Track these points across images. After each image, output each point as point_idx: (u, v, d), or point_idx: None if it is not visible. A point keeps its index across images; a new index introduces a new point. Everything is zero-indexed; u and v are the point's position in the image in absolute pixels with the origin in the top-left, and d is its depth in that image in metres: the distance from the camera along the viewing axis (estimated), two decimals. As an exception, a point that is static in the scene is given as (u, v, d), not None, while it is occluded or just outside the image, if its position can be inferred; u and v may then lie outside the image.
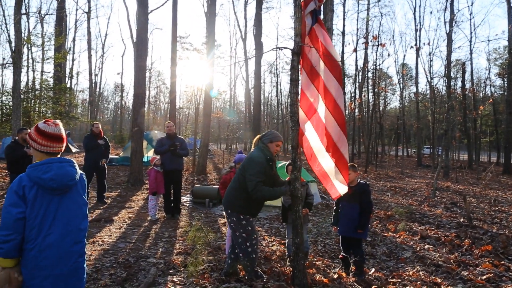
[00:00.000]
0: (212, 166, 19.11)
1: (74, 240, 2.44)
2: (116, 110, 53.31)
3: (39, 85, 18.88)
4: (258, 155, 4.08)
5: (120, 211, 8.30)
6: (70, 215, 2.43)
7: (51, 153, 2.47)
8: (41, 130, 2.45)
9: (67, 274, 2.41)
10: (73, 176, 2.44)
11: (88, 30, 33.51)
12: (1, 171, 13.73)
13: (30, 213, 2.32)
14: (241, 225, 4.09)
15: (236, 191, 4.16)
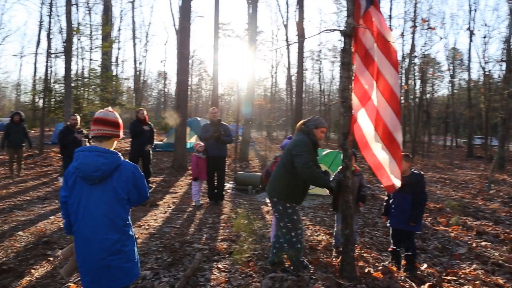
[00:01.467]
0: (254, 153, 19.12)
1: (103, 235, 2.32)
2: (159, 97, 54.54)
3: (87, 73, 19.58)
4: (304, 138, 3.95)
5: (164, 196, 8.46)
6: (100, 208, 2.34)
7: (96, 136, 2.45)
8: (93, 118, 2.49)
9: (95, 270, 2.33)
10: (98, 167, 2.30)
11: (133, 20, 34.47)
12: (55, 155, 14.45)
13: (69, 199, 2.40)
14: (286, 214, 3.98)
15: (280, 178, 4.04)
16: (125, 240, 2.38)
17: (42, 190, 8.76)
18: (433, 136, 33.39)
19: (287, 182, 3.97)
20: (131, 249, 2.42)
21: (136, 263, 2.48)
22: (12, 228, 5.75)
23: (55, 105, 16.74)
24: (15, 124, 10.20)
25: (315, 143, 3.99)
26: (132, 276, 2.43)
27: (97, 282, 2.33)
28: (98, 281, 2.33)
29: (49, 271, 4.16)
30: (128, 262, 2.39)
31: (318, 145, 4.08)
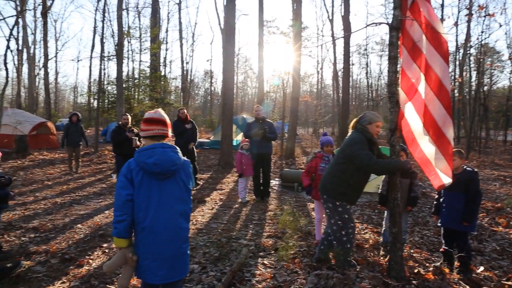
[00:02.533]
0: (300, 150, 19.02)
1: (177, 225, 2.51)
2: (206, 95, 55.67)
3: (137, 74, 20.38)
4: (358, 135, 3.84)
5: (211, 192, 8.65)
6: (173, 200, 2.50)
7: (152, 136, 2.57)
8: (143, 118, 2.62)
9: (172, 258, 2.49)
10: (175, 161, 2.50)
11: (179, 21, 35.60)
12: (109, 153, 15.23)
13: (137, 196, 2.46)
14: (337, 212, 3.93)
15: (333, 176, 3.98)
16: (188, 229, 2.63)
17: (98, 186, 9.27)
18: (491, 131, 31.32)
19: (339, 181, 3.90)
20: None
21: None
22: (72, 221, 6.16)
23: (108, 105, 17.60)
24: (73, 124, 10.87)
25: (370, 140, 3.87)
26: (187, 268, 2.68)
27: (174, 271, 2.50)
28: (174, 270, 2.51)
29: (104, 262, 4.41)
30: (189, 251, 2.65)
31: (374, 143, 3.95)
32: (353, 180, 3.84)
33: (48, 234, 5.48)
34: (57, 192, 8.42)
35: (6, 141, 14.88)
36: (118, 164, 7.81)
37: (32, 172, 11.09)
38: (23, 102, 29.22)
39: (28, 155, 14.18)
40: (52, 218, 6.32)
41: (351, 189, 3.89)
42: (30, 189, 8.71)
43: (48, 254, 4.64)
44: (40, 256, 4.59)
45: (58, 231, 5.60)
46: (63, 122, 30.22)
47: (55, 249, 4.80)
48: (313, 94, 42.87)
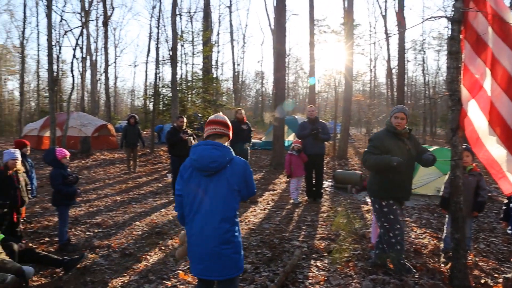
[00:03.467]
0: (353, 151, 18.58)
1: (215, 225, 2.45)
2: (257, 96, 56.07)
3: (190, 77, 20.95)
4: (378, 132, 3.97)
5: (264, 193, 8.68)
6: (214, 199, 2.48)
7: (210, 135, 2.66)
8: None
9: (208, 258, 2.45)
10: (214, 158, 2.46)
11: (230, 23, 35.81)
12: (164, 153, 15.80)
13: (185, 191, 2.57)
14: (382, 212, 3.83)
15: (373, 175, 3.98)
16: (235, 232, 2.52)
17: (154, 185, 9.65)
18: None
19: (380, 179, 3.85)
20: (239, 241, 2.54)
21: (242, 257, 2.58)
22: (130, 218, 6.46)
23: (163, 107, 18.24)
24: (131, 126, 11.40)
25: (395, 133, 3.85)
26: (239, 269, 2.54)
27: (209, 270, 2.48)
28: (210, 268, 2.47)
29: (161, 258, 4.59)
30: (236, 254, 2.50)
31: (397, 134, 3.87)
32: (393, 174, 3.74)
33: (109, 229, 5.79)
34: (117, 191, 8.88)
35: (72, 142, 15.93)
36: (173, 164, 8.07)
37: (94, 171, 11.79)
38: (86, 106, 31.14)
39: (91, 155, 15.09)
40: (113, 215, 6.67)
41: (394, 184, 3.79)
42: (93, 187, 9.27)
43: (110, 249, 4.91)
44: (102, 250, 4.86)
45: (119, 227, 5.90)
46: (122, 124, 31.81)
47: (116, 244, 5.06)
48: (366, 93, 41.63)
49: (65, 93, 32.73)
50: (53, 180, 4.80)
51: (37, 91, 35.92)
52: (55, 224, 5.85)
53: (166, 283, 3.86)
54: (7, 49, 42.52)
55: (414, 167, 4.09)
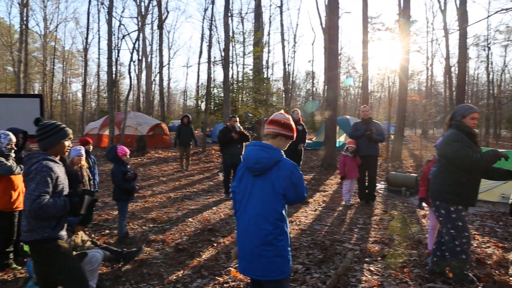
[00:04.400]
0: (407, 153, 17.87)
1: (256, 225, 2.44)
2: (307, 96, 55.60)
3: (241, 77, 21.18)
4: (453, 133, 3.56)
5: (314, 194, 8.58)
6: (258, 199, 2.48)
7: (266, 134, 2.65)
8: None
9: (250, 256, 2.46)
10: (259, 160, 2.44)
11: (281, 23, 35.59)
12: (215, 152, 16.13)
13: (237, 188, 2.63)
14: (450, 219, 3.59)
15: (440, 178, 3.69)
16: (278, 234, 2.44)
17: (206, 183, 9.87)
18: None
19: (450, 182, 3.60)
20: (283, 244, 2.46)
21: (288, 261, 2.50)
22: (184, 215, 6.65)
23: (215, 107, 18.60)
24: (184, 125, 11.74)
25: (469, 133, 3.54)
26: (282, 273, 2.47)
27: (250, 268, 2.50)
28: (251, 267, 2.49)
29: (213, 255, 4.68)
30: (279, 257, 2.43)
31: (474, 135, 3.60)
32: (466, 178, 3.50)
33: (164, 225, 6.00)
34: (170, 188, 9.19)
35: (129, 141, 16.70)
36: (225, 163, 8.20)
37: (149, 169, 12.29)
38: (142, 106, 32.53)
39: (146, 153, 15.74)
40: (167, 211, 6.91)
41: (466, 188, 3.54)
42: (148, 184, 9.66)
43: (165, 243, 5.09)
44: (158, 244, 5.06)
45: (172, 223, 6.10)
46: (175, 123, 32.89)
47: (170, 240, 5.23)
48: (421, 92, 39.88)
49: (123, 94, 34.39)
50: (114, 176, 5.06)
51: (97, 92, 38.10)
52: (114, 218, 6.17)
53: (218, 279, 3.93)
54: (72, 54, 45.55)
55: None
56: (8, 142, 4.16)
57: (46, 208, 2.42)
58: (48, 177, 2.50)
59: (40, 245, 2.55)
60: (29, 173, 2.53)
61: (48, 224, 2.54)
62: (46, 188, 2.48)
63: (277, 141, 2.60)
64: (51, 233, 2.56)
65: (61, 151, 2.75)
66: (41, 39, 38.32)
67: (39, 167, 2.51)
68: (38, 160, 2.56)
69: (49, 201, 2.45)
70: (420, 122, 27.47)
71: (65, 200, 2.55)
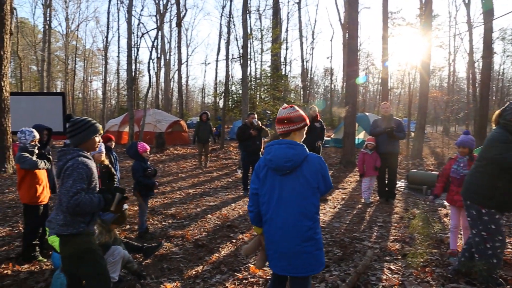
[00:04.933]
0: (428, 150, 17.56)
1: (296, 222, 2.44)
2: (325, 93, 55.20)
3: (259, 74, 21.18)
4: (501, 133, 3.33)
5: (333, 191, 8.52)
6: (293, 196, 2.46)
7: (280, 134, 2.61)
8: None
9: (290, 255, 2.45)
10: (290, 157, 2.43)
11: (299, 19, 35.37)
12: (233, 149, 16.18)
13: (261, 190, 2.57)
14: (481, 220, 3.42)
15: (477, 179, 3.51)
16: (316, 228, 2.49)
17: (224, 180, 9.91)
18: None
19: (484, 184, 3.43)
20: (320, 238, 2.52)
21: (323, 253, 2.57)
22: (202, 211, 6.70)
23: (233, 105, 18.67)
24: (203, 122, 11.81)
25: None
26: (321, 265, 2.52)
27: (291, 267, 2.48)
28: (294, 265, 2.47)
29: (232, 251, 4.70)
30: (318, 250, 2.48)
31: None
32: (502, 182, 3.31)
33: (183, 221, 6.06)
34: (189, 184, 9.27)
35: (148, 138, 16.93)
36: (243, 160, 8.22)
37: (168, 165, 12.42)
38: (160, 103, 32.90)
39: (165, 150, 15.92)
40: (186, 207, 6.97)
41: (500, 192, 3.34)
42: (168, 180, 9.76)
43: (184, 239, 5.13)
44: (177, 240, 5.11)
45: (191, 219, 6.16)
46: (193, 120, 33.16)
47: (190, 235, 5.28)
48: (443, 89, 39.03)
49: (142, 91, 34.90)
50: (135, 172, 5.13)
51: (117, 90, 38.73)
52: (134, 213, 6.26)
53: (237, 275, 3.94)
54: (93, 53, 46.41)
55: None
56: (32, 138, 4.27)
57: (83, 204, 2.47)
58: (84, 174, 2.54)
59: (73, 239, 2.60)
60: (65, 170, 2.56)
61: (83, 219, 2.60)
62: (82, 185, 2.52)
63: (292, 137, 2.58)
64: (85, 228, 2.62)
65: (92, 147, 2.77)
66: (63, 38, 39.18)
67: (75, 164, 2.54)
68: (73, 156, 2.59)
69: (86, 198, 2.49)
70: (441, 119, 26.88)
71: (99, 197, 2.59)
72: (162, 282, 3.83)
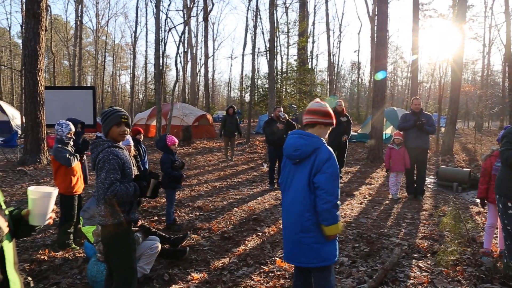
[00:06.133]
0: (459, 147, 17.02)
1: (295, 212, 2.53)
2: (352, 87, 54.35)
3: (285, 68, 21.03)
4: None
5: (360, 186, 8.41)
6: (297, 186, 2.54)
7: (306, 124, 2.67)
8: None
9: (290, 243, 2.57)
10: (298, 147, 2.52)
11: (326, 12, 34.76)
12: (260, 143, 16.20)
13: (281, 179, 2.71)
14: (506, 214, 3.42)
15: (503, 171, 3.51)
16: (315, 221, 2.49)
17: (250, 174, 9.95)
18: None
19: (508, 176, 3.41)
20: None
21: (329, 248, 2.53)
22: (229, 204, 6.76)
23: (259, 98, 18.65)
24: (230, 116, 11.88)
25: None
26: (324, 260, 2.51)
27: (292, 254, 2.57)
28: (293, 254, 2.56)
29: (258, 244, 4.73)
30: (318, 243, 2.48)
31: None
32: None
33: (210, 213, 6.14)
34: (216, 177, 9.36)
35: (175, 131, 17.16)
36: (270, 154, 8.21)
37: (195, 158, 12.58)
38: (187, 97, 33.25)
39: (192, 143, 16.11)
40: (212, 200, 7.05)
41: None
42: (194, 173, 9.89)
43: (211, 231, 5.20)
44: (204, 232, 5.18)
45: (218, 212, 6.23)
46: (219, 114, 33.37)
47: (216, 228, 5.34)
48: (476, 82, 37.68)
49: (168, 85, 35.34)
50: (163, 165, 5.23)
51: (145, 84, 39.40)
52: (162, 205, 6.39)
53: (264, 268, 3.97)
54: (121, 47, 47.34)
55: None
56: (68, 131, 4.43)
57: (120, 195, 2.52)
58: (115, 164, 2.57)
59: (113, 229, 2.65)
60: (98, 162, 2.61)
61: (123, 209, 2.65)
62: (116, 175, 2.55)
63: (317, 130, 2.63)
64: (125, 217, 2.67)
65: (115, 135, 2.71)
66: (93, 34, 40.16)
67: (105, 156, 2.58)
68: (103, 148, 2.64)
69: (121, 188, 2.54)
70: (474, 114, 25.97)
71: (135, 186, 2.64)
72: (189, 272, 3.90)
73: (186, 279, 3.75)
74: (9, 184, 8.22)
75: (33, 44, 10.35)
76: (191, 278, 3.76)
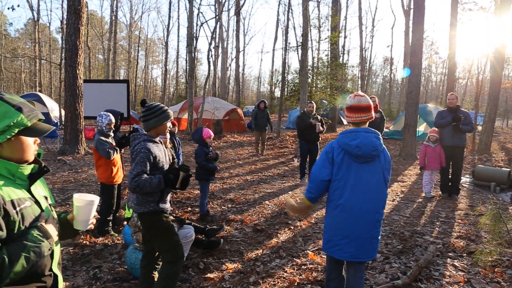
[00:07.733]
0: (497, 146, 16.41)
1: (371, 209, 2.56)
2: (384, 83, 53.26)
3: (316, 63, 20.84)
4: None
5: (392, 184, 8.28)
6: (370, 184, 2.54)
7: (355, 123, 2.62)
8: (347, 105, 2.67)
9: (363, 240, 2.57)
10: (376, 147, 2.54)
11: (359, 7, 34.13)
12: (290, 138, 16.19)
13: (335, 175, 2.58)
14: None
15: None
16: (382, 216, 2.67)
17: (281, 168, 9.99)
18: None
19: None
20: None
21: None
22: (260, 197, 6.84)
23: (289, 93, 18.60)
24: (261, 110, 11.94)
25: None
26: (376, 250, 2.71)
27: (360, 251, 2.58)
28: (362, 250, 2.59)
29: (290, 237, 4.78)
30: (379, 235, 2.69)
31: None
32: None
33: (242, 206, 6.23)
34: (247, 171, 9.46)
35: (206, 124, 17.37)
36: (302, 149, 8.21)
37: (226, 152, 12.73)
38: (217, 91, 33.61)
39: (223, 137, 16.30)
40: (244, 193, 7.14)
41: None
42: (226, 166, 10.03)
43: (243, 223, 5.30)
44: (236, 224, 5.28)
45: (250, 205, 6.31)
46: (249, 109, 33.53)
47: (248, 220, 5.43)
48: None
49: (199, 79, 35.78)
50: (198, 157, 5.35)
51: (176, 78, 40.07)
52: (195, 196, 6.54)
53: (296, 261, 4.02)
54: (154, 42, 48.28)
55: None
56: (108, 122, 4.61)
57: (142, 185, 2.63)
58: (145, 157, 2.69)
59: (147, 217, 2.83)
60: (132, 154, 2.78)
61: (152, 199, 2.79)
62: (144, 167, 2.68)
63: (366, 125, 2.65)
64: (155, 207, 2.81)
65: (163, 131, 2.94)
66: (126, 28, 41.11)
67: (139, 148, 2.72)
68: (139, 141, 2.77)
69: (145, 180, 2.65)
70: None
71: (159, 178, 2.73)
72: (223, 262, 4.01)
73: (221, 269, 3.85)
74: (50, 173, 8.61)
75: (73, 39, 10.75)
76: (225, 268, 3.86)
